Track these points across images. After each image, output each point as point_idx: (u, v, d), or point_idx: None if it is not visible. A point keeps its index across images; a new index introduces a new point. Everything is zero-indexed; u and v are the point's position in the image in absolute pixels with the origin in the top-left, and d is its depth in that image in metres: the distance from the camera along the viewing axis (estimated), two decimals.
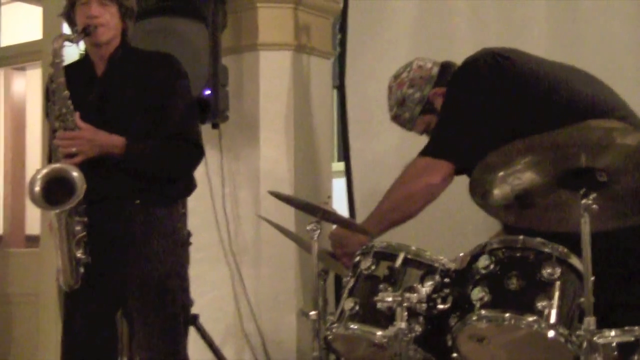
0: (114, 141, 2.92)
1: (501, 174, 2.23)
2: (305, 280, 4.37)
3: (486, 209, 2.36)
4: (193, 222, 4.15)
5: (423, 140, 3.19)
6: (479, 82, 2.90)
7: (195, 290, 3.83)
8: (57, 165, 2.88)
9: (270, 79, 4.42)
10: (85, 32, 2.91)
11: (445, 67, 3.13)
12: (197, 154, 3.11)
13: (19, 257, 6.08)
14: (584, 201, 2.13)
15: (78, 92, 2.93)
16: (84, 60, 3.10)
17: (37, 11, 6.02)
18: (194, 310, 3.92)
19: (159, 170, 3.02)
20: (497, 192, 2.29)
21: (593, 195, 2.13)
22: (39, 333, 5.57)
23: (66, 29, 3.14)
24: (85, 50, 3.09)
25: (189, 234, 4.06)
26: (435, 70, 3.11)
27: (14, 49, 6.21)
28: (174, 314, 3.04)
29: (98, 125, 2.92)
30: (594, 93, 2.85)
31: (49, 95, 2.95)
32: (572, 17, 3.83)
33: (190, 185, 3.19)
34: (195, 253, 4.07)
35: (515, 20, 3.94)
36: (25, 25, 6.42)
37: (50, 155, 3.04)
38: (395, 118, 3.19)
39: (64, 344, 3.03)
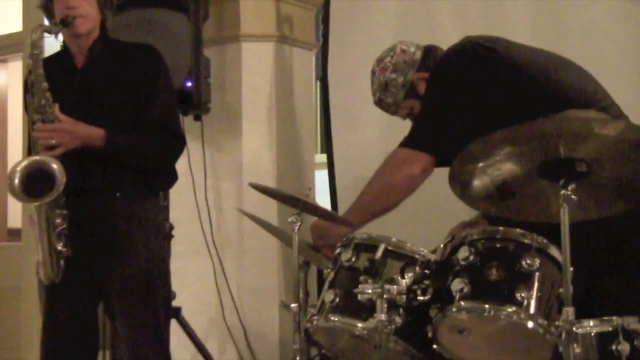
0: (94, 133, 2.90)
1: (481, 164, 2.23)
2: (287, 272, 4.37)
3: (466, 200, 2.35)
4: (175, 214, 4.14)
5: (405, 132, 3.19)
6: (460, 73, 2.89)
7: (177, 283, 3.82)
8: (36, 158, 2.86)
9: (253, 71, 4.41)
10: (63, 23, 2.89)
11: (428, 50, 3.12)
12: (178, 145, 3.10)
13: (1, 250, 6.05)
14: (563, 191, 2.13)
15: (58, 84, 2.91)
16: (63, 53, 3.08)
17: (17, 3, 5.98)
18: (176, 303, 3.92)
19: (140, 161, 3.00)
20: (477, 182, 2.28)
21: (572, 186, 2.13)
22: (21, 326, 5.55)
23: (47, 20, 3.11)
24: (64, 42, 3.06)
25: (171, 227, 4.06)
26: (419, 54, 3.10)
27: None
28: (155, 307, 3.03)
29: (78, 118, 2.90)
30: (576, 82, 2.85)
31: (27, 87, 2.92)
32: (556, 9, 3.82)
33: (171, 178, 3.18)
34: (177, 245, 4.06)
35: (499, 12, 3.94)
36: (5, 17, 6.37)
37: (29, 147, 3.01)
38: (379, 102, 3.18)
39: (45, 338, 3.01)
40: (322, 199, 4.22)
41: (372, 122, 4.09)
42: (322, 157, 4.97)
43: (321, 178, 4.68)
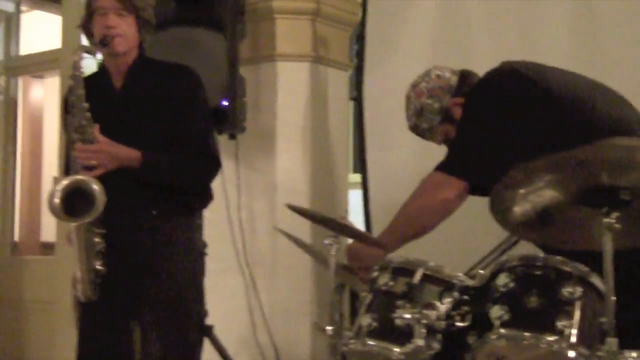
0: (131, 154, 2.92)
1: (522, 191, 2.20)
2: (320, 292, 4.36)
3: (506, 226, 2.33)
4: (208, 232, 4.12)
5: (440, 153, 3.17)
6: (497, 98, 2.88)
7: (210, 301, 3.81)
8: (77, 177, 2.88)
9: (288, 90, 4.42)
10: (102, 43, 2.92)
11: (464, 76, 3.10)
12: (213, 166, 3.11)
13: (34, 264, 6.09)
14: (606, 220, 2.11)
15: (96, 103, 2.93)
16: (102, 72, 3.10)
17: (56, 20, 6.05)
18: (208, 321, 3.92)
19: (176, 182, 3.02)
20: (518, 209, 2.26)
21: (615, 214, 2.11)
22: (53, 340, 5.57)
23: (85, 38, 3.14)
24: (103, 61, 3.09)
25: (204, 245, 4.06)
26: (454, 79, 3.09)
27: (33, 57, 6.25)
28: (188, 325, 3.05)
29: (116, 137, 2.93)
30: (616, 109, 2.82)
31: (67, 107, 2.95)
32: (592, 26, 3.79)
33: (207, 197, 3.19)
34: (210, 264, 4.04)
35: (534, 31, 3.91)
36: (45, 34, 6.45)
37: (67, 166, 3.04)
38: (414, 128, 3.17)
39: (80, 355, 3.02)
40: (355, 219, 4.21)
41: (406, 142, 4.07)
42: (354, 177, 4.97)
43: (354, 198, 4.68)
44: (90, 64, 3.27)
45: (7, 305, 6.09)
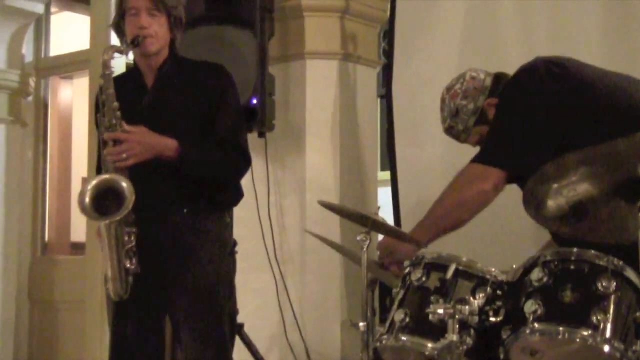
0: (168, 143, 2.92)
1: (555, 185, 2.20)
2: (350, 289, 4.36)
3: (540, 220, 2.32)
4: (238, 230, 4.14)
5: (469, 149, 3.17)
6: (533, 90, 2.87)
7: (240, 299, 3.84)
8: (106, 176, 2.89)
9: (317, 88, 4.41)
10: (134, 43, 2.92)
11: (498, 77, 3.10)
12: (244, 162, 3.11)
13: (65, 264, 6.14)
14: None
15: (128, 102, 2.94)
16: (133, 71, 3.12)
17: (85, 20, 6.09)
18: (238, 319, 3.93)
19: (209, 175, 3.02)
20: (551, 203, 2.26)
21: None
22: (84, 339, 5.61)
23: (114, 38, 3.15)
24: (134, 60, 3.10)
25: (234, 243, 4.07)
26: (489, 80, 3.09)
27: (63, 58, 6.29)
28: (220, 323, 3.05)
29: None
30: None
31: (98, 106, 2.96)
32: (625, 23, 3.75)
33: (237, 195, 3.20)
34: (240, 262, 4.07)
35: (566, 26, 3.89)
36: (74, 35, 6.50)
37: (99, 166, 3.05)
38: (449, 130, 3.16)
39: (112, 353, 3.04)
40: (385, 216, 4.19)
41: (435, 139, 4.07)
42: (383, 175, 4.96)
43: (383, 195, 4.67)
44: (119, 64, 3.29)
45: (39, 305, 6.14)
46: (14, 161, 5.95)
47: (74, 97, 6.54)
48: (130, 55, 3.10)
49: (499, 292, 2.38)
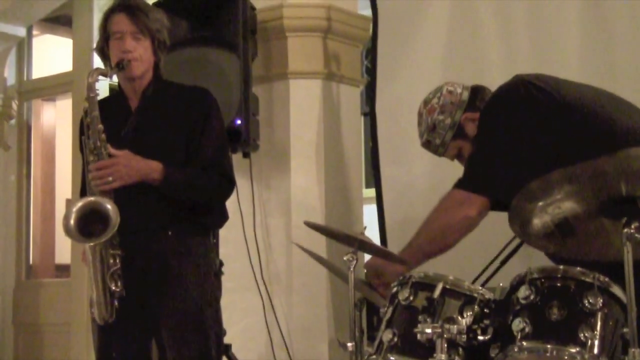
0: (153, 166, 2.93)
1: (541, 203, 2.21)
2: (337, 308, 4.35)
3: (526, 239, 2.33)
4: (224, 251, 4.15)
5: (454, 167, 3.18)
6: (513, 113, 2.88)
7: (227, 319, 3.81)
8: (91, 198, 2.89)
9: (301, 108, 4.42)
10: (119, 67, 2.93)
11: (475, 91, 3.12)
12: (228, 185, 3.12)
13: (50, 287, 6.11)
14: (625, 230, 2.11)
15: (112, 126, 2.95)
16: (118, 95, 3.12)
17: (67, 43, 6.10)
18: (226, 339, 3.91)
19: (194, 197, 3.03)
20: (537, 221, 2.27)
21: (635, 224, 2.11)
22: None
23: (97, 60, 3.16)
24: (119, 84, 3.11)
25: (221, 264, 4.07)
26: (466, 94, 3.10)
27: (46, 80, 6.29)
28: (207, 345, 3.04)
29: None
30: (632, 120, 2.82)
31: (83, 129, 2.96)
32: (604, 31, 3.78)
33: (222, 217, 3.20)
34: (227, 282, 4.07)
35: (547, 44, 3.91)
36: (56, 57, 6.50)
37: (83, 188, 3.05)
38: (427, 144, 3.18)
39: None
40: (371, 234, 4.20)
41: (420, 157, 4.07)
42: (368, 192, 4.97)
43: (368, 212, 4.68)
44: (102, 86, 3.29)
45: (24, 328, 6.11)
46: None
47: (56, 119, 6.54)
48: (114, 78, 3.10)
49: (486, 310, 2.38)
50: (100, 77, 2.97)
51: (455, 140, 3.09)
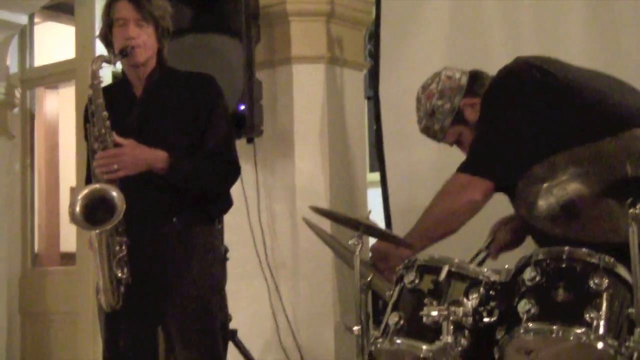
0: (158, 155, 2.93)
1: (546, 185, 2.22)
2: (342, 293, 4.36)
3: (531, 221, 2.33)
4: (230, 237, 4.14)
5: (458, 150, 3.17)
6: (516, 95, 2.87)
7: (233, 305, 3.82)
8: (97, 186, 2.89)
9: (304, 92, 4.42)
10: (122, 54, 2.93)
11: (474, 76, 3.10)
12: (234, 173, 3.13)
13: (56, 275, 6.12)
14: (631, 210, 2.11)
15: (117, 113, 2.95)
16: (122, 82, 3.12)
17: (69, 30, 6.08)
18: (231, 325, 3.92)
19: (199, 186, 3.03)
20: (542, 203, 2.27)
21: None
22: (77, 351, 5.60)
23: (99, 48, 3.15)
24: (123, 71, 3.10)
25: (226, 250, 4.07)
26: (464, 79, 3.08)
27: (48, 68, 6.28)
28: (213, 331, 3.05)
29: None
30: (634, 101, 2.81)
31: (87, 116, 2.96)
32: (610, 27, 3.76)
33: (227, 204, 3.21)
34: (232, 268, 4.07)
35: (551, 31, 3.89)
36: (59, 45, 6.48)
37: (88, 176, 3.05)
38: (425, 130, 3.17)
39: None
40: (375, 217, 4.20)
41: (424, 141, 4.05)
42: (372, 176, 4.96)
43: (372, 197, 4.68)
44: (105, 74, 3.29)
45: (31, 317, 6.12)
46: (1, 174, 5.93)
47: (60, 107, 6.53)
48: (118, 65, 3.10)
49: (492, 292, 2.38)
50: (104, 64, 2.97)
51: (454, 125, 3.08)
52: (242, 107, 4.01)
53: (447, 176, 2.99)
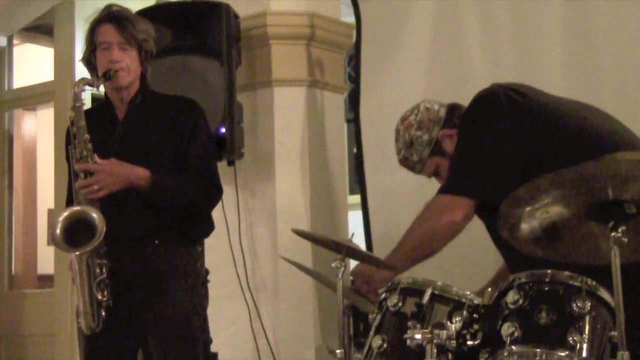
0: (139, 173, 2.93)
1: (528, 208, 2.22)
2: (323, 315, 4.35)
3: (514, 243, 2.35)
4: (210, 259, 4.14)
5: None
6: (493, 116, 2.91)
7: (214, 327, 3.82)
8: (77, 208, 2.88)
9: (285, 115, 4.42)
10: (105, 77, 2.93)
11: (452, 108, 3.14)
12: (216, 192, 3.13)
13: (33, 297, 6.07)
14: (613, 234, 2.13)
15: (99, 135, 2.95)
16: (105, 105, 3.12)
17: (49, 53, 6.07)
18: (212, 348, 3.91)
19: (182, 204, 3.02)
20: (525, 226, 2.28)
21: (622, 228, 2.13)
22: None
23: (78, 70, 3.16)
24: (105, 94, 3.10)
25: (206, 272, 4.06)
26: (443, 111, 3.12)
27: (27, 90, 6.26)
28: (194, 354, 3.04)
29: None
30: (612, 125, 2.85)
31: (69, 138, 2.96)
32: (589, 51, 3.80)
33: (208, 227, 3.21)
34: (213, 290, 4.06)
35: (530, 53, 3.92)
36: (37, 67, 6.47)
37: (69, 198, 3.04)
38: (404, 160, 3.19)
39: None
40: (356, 240, 4.21)
41: None
42: (353, 198, 4.97)
43: (352, 219, 4.68)
44: (86, 97, 3.28)
45: (7, 340, 6.07)
46: None
47: (38, 129, 6.51)
48: (100, 88, 3.10)
49: (475, 315, 2.39)
50: (87, 87, 2.97)
51: (432, 156, 3.10)
52: (223, 130, 4.00)
53: (428, 198, 3.01)
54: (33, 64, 6.62)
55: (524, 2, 3.98)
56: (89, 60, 3.02)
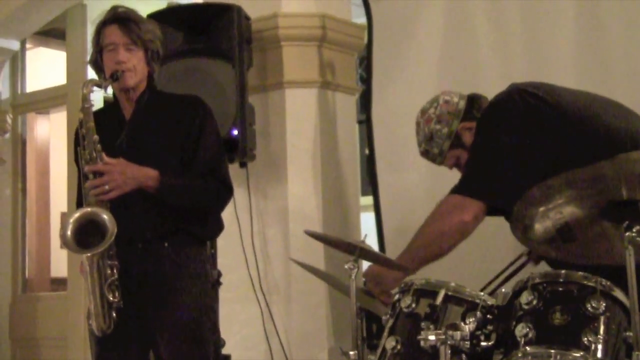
0: (149, 173, 2.92)
1: (542, 208, 2.21)
2: (336, 317, 4.34)
3: (527, 244, 2.33)
4: (222, 261, 4.15)
5: (451, 172, 3.19)
6: (509, 120, 2.90)
7: (226, 329, 3.81)
8: (88, 209, 2.88)
9: (297, 117, 4.42)
10: (113, 78, 2.94)
11: (472, 100, 3.12)
12: (226, 191, 3.11)
13: (47, 300, 6.09)
14: (627, 233, 2.11)
15: (107, 136, 2.95)
16: (112, 105, 3.12)
17: (60, 56, 6.09)
18: (225, 350, 3.91)
19: (192, 204, 3.02)
20: (539, 226, 2.27)
21: (637, 227, 2.11)
22: None
23: (90, 73, 3.16)
24: (113, 94, 3.10)
25: (219, 274, 4.06)
26: (462, 104, 3.11)
27: (39, 94, 6.29)
28: (205, 355, 3.02)
29: None
30: (628, 124, 2.83)
31: (78, 140, 2.96)
32: (600, 49, 3.79)
33: (218, 227, 3.19)
34: (225, 292, 4.06)
35: (541, 52, 3.92)
36: (50, 70, 6.50)
37: (79, 200, 3.03)
38: (425, 153, 3.19)
39: None
40: (368, 241, 4.19)
41: (416, 164, 4.08)
42: (365, 200, 4.96)
43: (364, 220, 4.68)
44: (96, 98, 3.29)
45: (21, 343, 6.09)
46: None
47: (51, 132, 6.54)
48: (109, 89, 3.10)
49: (489, 316, 2.37)
50: (95, 88, 2.97)
51: (452, 149, 3.10)
52: (235, 132, 4.01)
53: (440, 198, 3.00)
54: (46, 67, 6.65)
55: (534, 2, 3.97)
56: (96, 62, 3.03)
